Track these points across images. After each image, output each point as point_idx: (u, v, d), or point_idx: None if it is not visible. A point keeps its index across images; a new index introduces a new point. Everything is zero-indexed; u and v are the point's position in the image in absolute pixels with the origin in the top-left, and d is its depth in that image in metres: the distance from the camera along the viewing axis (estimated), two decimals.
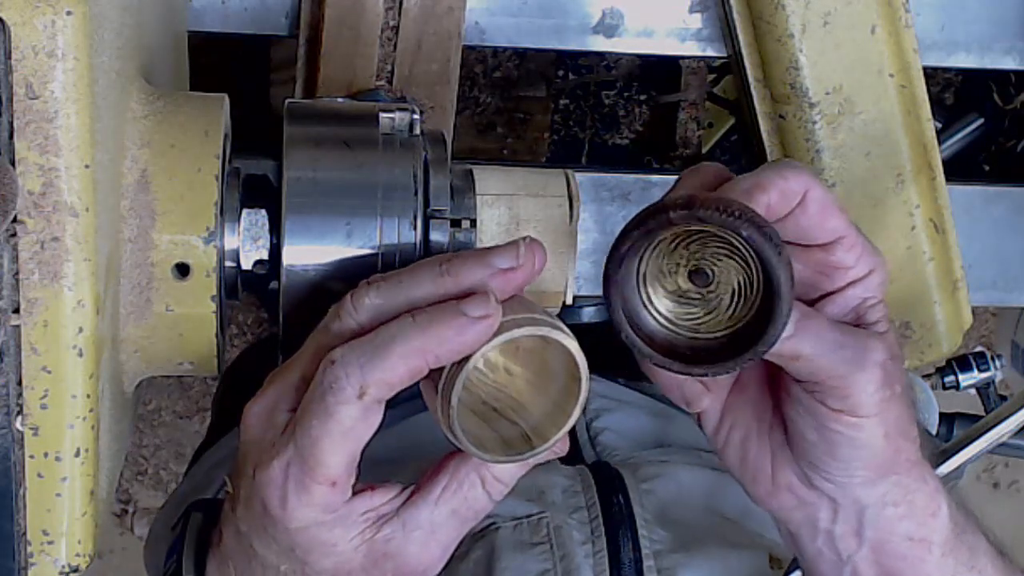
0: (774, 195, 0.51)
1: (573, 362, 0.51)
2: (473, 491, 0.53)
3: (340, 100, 0.79)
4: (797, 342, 0.51)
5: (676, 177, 0.90)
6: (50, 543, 0.55)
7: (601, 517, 0.71)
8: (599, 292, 0.53)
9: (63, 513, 0.54)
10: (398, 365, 0.49)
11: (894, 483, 0.56)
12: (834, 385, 0.52)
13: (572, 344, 0.50)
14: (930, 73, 0.85)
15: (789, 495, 0.57)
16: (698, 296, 0.53)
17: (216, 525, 0.57)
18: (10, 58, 0.48)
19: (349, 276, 0.57)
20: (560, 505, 0.72)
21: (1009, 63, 0.90)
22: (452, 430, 0.50)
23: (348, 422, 0.49)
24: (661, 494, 0.74)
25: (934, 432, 0.95)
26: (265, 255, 0.59)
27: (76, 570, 0.56)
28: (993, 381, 0.98)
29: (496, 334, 0.49)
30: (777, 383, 0.56)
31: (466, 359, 0.49)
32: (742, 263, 0.51)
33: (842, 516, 0.56)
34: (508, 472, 0.53)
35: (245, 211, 0.59)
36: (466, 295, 0.50)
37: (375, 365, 0.49)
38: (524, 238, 0.52)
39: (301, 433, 0.50)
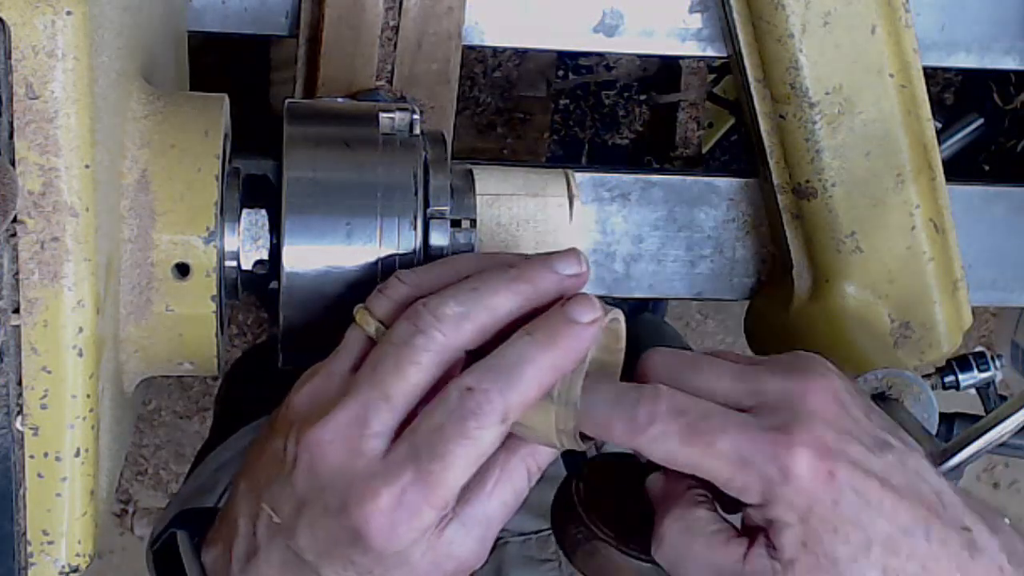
0: (588, 428, 0.51)
1: (616, 338, 0.53)
2: (520, 480, 0.53)
3: (340, 100, 0.79)
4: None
5: (676, 177, 0.91)
6: (50, 543, 0.55)
7: None
8: (598, 292, 0.53)
9: (63, 513, 0.54)
10: (532, 387, 0.49)
11: None
12: None
13: (623, 324, 0.53)
14: (930, 73, 0.85)
15: None
16: None
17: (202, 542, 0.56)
18: (10, 58, 0.48)
19: (349, 276, 0.57)
20: None
21: (1009, 63, 0.90)
22: (573, 435, 0.51)
23: (487, 447, 0.49)
24: None
25: (934, 432, 0.95)
26: (265, 255, 0.59)
27: (76, 570, 0.56)
28: (993, 381, 0.97)
29: None
30: None
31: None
32: None
33: None
34: (550, 456, 0.53)
35: (245, 211, 0.59)
36: (546, 302, 0.51)
37: (513, 389, 0.49)
38: (571, 249, 0.53)
39: (429, 457, 0.49)
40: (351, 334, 0.53)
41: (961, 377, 0.96)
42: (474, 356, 0.51)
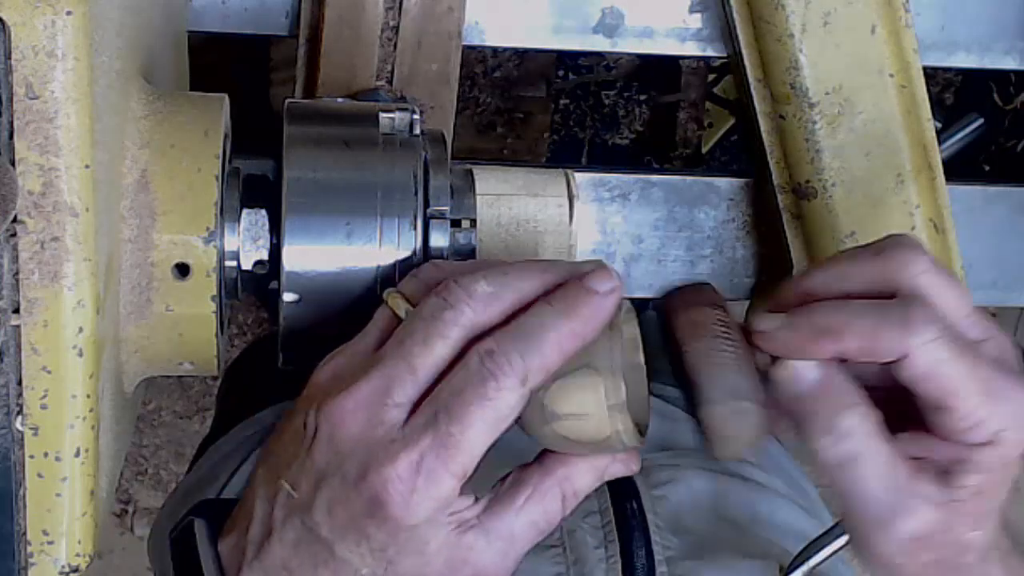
0: (851, 346, 0.49)
1: (634, 346, 0.53)
2: (553, 504, 0.52)
3: (340, 100, 0.79)
4: (830, 455, 0.50)
5: (676, 177, 0.90)
6: (50, 543, 0.55)
7: (614, 522, 0.71)
8: None
9: (63, 513, 0.54)
10: (553, 351, 0.49)
11: None
12: (851, 530, 0.52)
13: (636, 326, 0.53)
14: (930, 73, 0.85)
15: None
16: None
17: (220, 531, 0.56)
18: (10, 58, 0.48)
19: (349, 276, 0.57)
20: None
21: (1009, 63, 0.90)
22: (623, 410, 0.50)
23: (506, 410, 0.49)
24: (673, 500, 0.74)
25: None
26: (265, 255, 0.59)
27: (76, 570, 0.56)
28: None
29: None
30: None
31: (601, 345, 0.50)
32: None
33: None
34: (587, 485, 0.53)
35: (245, 211, 0.59)
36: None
37: (534, 352, 0.49)
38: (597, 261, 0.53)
39: (448, 421, 0.48)
40: (379, 315, 0.53)
41: None
42: None
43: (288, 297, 0.57)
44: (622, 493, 0.73)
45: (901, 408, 0.52)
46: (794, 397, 0.50)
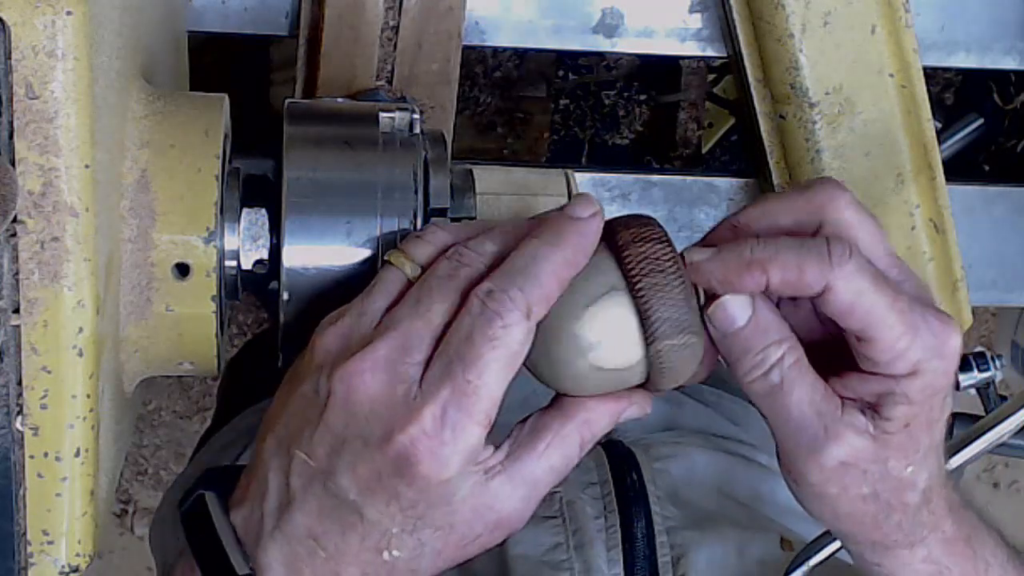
0: (775, 278, 0.51)
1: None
2: (573, 448, 0.53)
3: (340, 100, 0.79)
4: (755, 387, 0.52)
5: (676, 177, 0.91)
6: (50, 543, 0.55)
7: (614, 493, 0.72)
8: None
9: (63, 513, 0.54)
10: (551, 280, 0.50)
11: (867, 551, 0.56)
12: (780, 444, 0.53)
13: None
14: (930, 73, 0.85)
15: None
16: None
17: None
18: (10, 58, 0.48)
19: (349, 275, 0.57)
20: (573, 481, 0.72)
21: (1009, 63, 0.90)
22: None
23: (516, 345, 0.49)
24: (674, 473, 0.75)
25: None
26: (265, 255, 0.59)
27: (76, 570, 0.56)
28: (993, 381, 0.97)
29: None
30: None
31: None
32: None
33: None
34: (603, 428, 0.53)
35: (245, 211, 0.59)
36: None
37: (532, 283, 0.50)
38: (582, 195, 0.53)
39: (463, 367, 0.49)
40: (386, 275, 0.53)
41: (961, 377, 0.96)
42: None
43: (287, 296, 0.57)
44: (622, 465, 0.73)
45: (834, 358, 0.53)
46: (728, 334, 0.52)
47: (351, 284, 0.57)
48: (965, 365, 0.96)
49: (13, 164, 0.48)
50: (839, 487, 0.52)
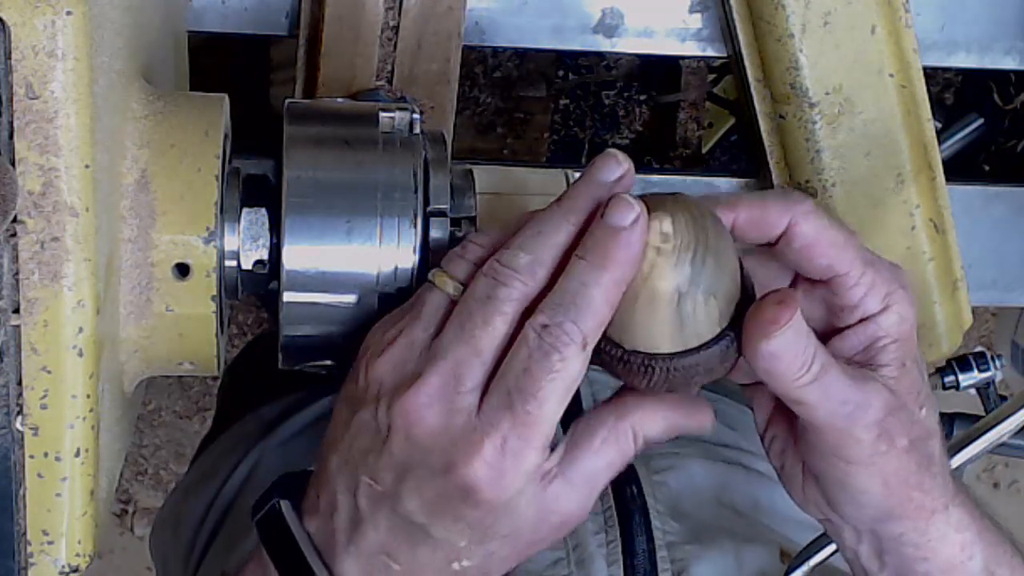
0: (742, 215, 0.53)
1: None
2: (627, 444, 0.53)
3: (340, 100, 0.79)
4: (806, 392, 0.52)
5: (676, 177, 0.90)
6: (50, 543, 0.55)
7: (614, 507, 0.72)
8: None
9: (63, 513, 0.54)
10: (603, 306, 0.50)
11: (910, 527, 0.56)
12: (827, 435, 0.54)
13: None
14: (930, 73, 0.85)
15: (816, 510, 0.58)
16: None
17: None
18: (10, 58, 0.48)
19: (349, 275, 0.57)
20: None
21: (1009, 63, 0.90)
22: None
23: (574, 374, 0.50)
24: (674, 486, 0.75)
25: None
26: (265, 255, 0.59)
27: (76, 570, 0.56)
28: (993, 381, 0.98)
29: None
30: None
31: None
32: None
33: (864, 539, 0.58)
34: (657, 433, 0.54)
35: (245, 211, 0.59)
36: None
37: (585, 313, 0.50)
38: (607, 152, 0.54)
39: (522, 400, 0.49)
40: (428, 297, 0.53)
41: (961, 377, 0.96)
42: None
43: (288, 297, 0.57)
44: (622, 478, 0.73)
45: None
46: (770, 364, 0.53)
47: (351, 284, 0.57)
48: (965, 365, 0.96)
49: (13, 164, 0.48)
50: (887, 443, 0.53)
